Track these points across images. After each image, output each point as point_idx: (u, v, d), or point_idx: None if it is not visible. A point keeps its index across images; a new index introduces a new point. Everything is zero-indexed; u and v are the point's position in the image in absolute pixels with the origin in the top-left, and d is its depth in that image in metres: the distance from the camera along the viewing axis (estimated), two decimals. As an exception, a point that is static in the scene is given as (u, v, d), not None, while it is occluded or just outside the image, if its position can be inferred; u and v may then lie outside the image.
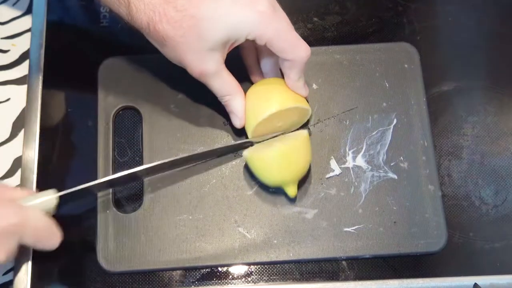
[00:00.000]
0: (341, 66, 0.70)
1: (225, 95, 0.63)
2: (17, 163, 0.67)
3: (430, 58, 0.71)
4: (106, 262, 0.62)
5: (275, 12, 0.58)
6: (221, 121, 0.67)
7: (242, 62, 0.67)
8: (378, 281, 0.62)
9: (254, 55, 0.66)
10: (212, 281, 0.62)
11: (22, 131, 0.68)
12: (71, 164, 0.67)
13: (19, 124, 0.69)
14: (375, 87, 0.69)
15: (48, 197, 0.58)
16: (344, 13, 0.74)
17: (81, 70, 0.70)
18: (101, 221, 0.63)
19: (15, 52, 0.72)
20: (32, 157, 0.66)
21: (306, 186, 0.64)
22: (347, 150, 0.66)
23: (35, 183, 0.65)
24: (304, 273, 0.63)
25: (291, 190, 0.63)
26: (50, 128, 0.68)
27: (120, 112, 0.68)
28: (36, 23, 0.72)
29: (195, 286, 0.62)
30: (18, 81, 0.71)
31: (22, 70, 0.71)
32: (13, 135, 0.68)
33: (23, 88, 0.70)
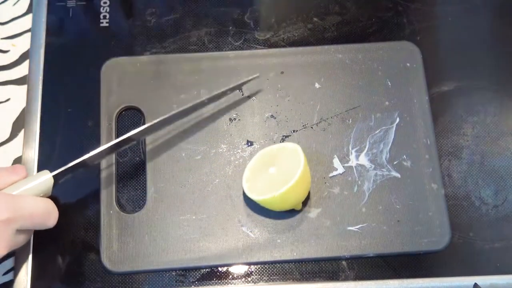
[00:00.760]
0: (344, 65, 0.70)
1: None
2: (17, 163, 0.66)
3: (429, 59, 0.71)
4: (110, 262, 0.62)
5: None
6: (224, 119, 0.67)
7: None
8: (378, 281, 0.62)
9: None
10: (213, 281, 0.62)
11: (22, 131, 0.67)
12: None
13: (19, 124, 0.68)
14: (377, 86, 0.69)
15: (43, 178, 0.58)
16: (344, 13, 0.74)
17: (81, 70, 0.70)
18: (104, 221, 0.63)
19: (15, 52, 0.71)
20: (32, 157, 0.66)
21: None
22: (350, 149, 0.66)
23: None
24: (304, 273, 0.63)
25: (297, 208, 0.64)
26: (50, 128, 0.67)
27: (123, 112, 0.68)
28: (36, 23, 0.72)
29: (195, 286, 0.62)
30: (18, 81, 0.70)
31: (22, 70, 0.71)
32: (13, 135, 0.68)
33: (23, 88, 0.70)
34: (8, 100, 0.69)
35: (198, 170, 0.65)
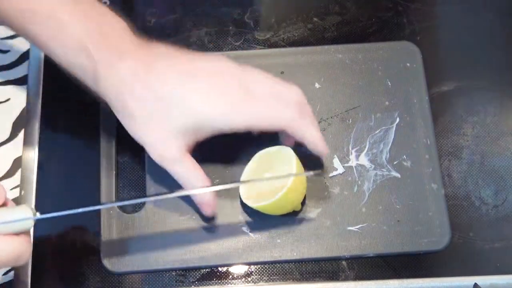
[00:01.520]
0: (343, 65, 0.70)
1: (188, 186, 0.59)
2: (17, 163, 0.66)
3: (429, 59, 0.71)
4: (110, 262, 0.61)
5: (246, 97, 0.57)
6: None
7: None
8: (378, 281, 0.62)
9: None
10: (213, 281, 0.62)
11: (22, 131, 0.67)
12: (71, 164, 0.66)
13: (19, 124, 0.68)
14: (377, 86, 0.69)
15: (22, 217, 0.49)
16: (344, 13, 0.74)
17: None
18: (104, 221, 0.63)
19: (15, 52, 0.71)
20: (32, 157, 0.66)
21: (309, 185, 0.64)
22: (350, 149, 0.66)
23: (35, 183, 0.65)
24: (304, 273, 0.62)
25: (296, 209, 0.63)
26: (50, 128, 0.67)
27: (122, 111, 0.68)
28: (36, 23, 0.71)
29: (195, 286, 0.62)
30: (18, 81, 0.70)
31: (22, 70, 0.71)
32: (13, 135, 0.68)
33: (23, 88, 0.70)
34: (8, 100, 0.69)
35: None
